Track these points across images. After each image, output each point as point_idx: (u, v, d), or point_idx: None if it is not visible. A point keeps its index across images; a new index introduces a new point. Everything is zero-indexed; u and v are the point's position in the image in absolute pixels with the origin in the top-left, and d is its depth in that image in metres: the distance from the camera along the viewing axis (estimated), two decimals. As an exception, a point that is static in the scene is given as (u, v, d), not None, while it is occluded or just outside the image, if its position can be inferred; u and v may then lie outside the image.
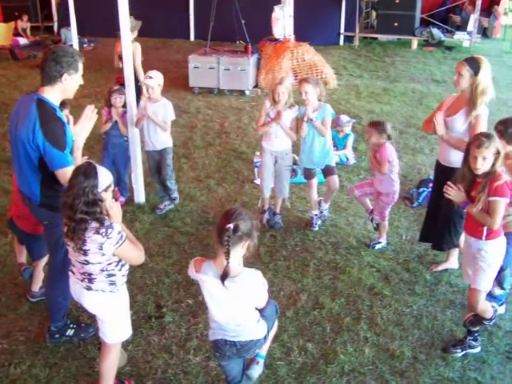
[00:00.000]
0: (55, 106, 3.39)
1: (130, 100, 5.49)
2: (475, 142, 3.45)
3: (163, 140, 5.51)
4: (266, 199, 5.48)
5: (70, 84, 3.41)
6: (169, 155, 5.57)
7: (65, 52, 3.36)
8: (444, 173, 4.29)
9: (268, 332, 3.12)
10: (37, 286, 4.28)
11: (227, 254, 2.69)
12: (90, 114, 3.55)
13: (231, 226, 2.69)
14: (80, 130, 3.52)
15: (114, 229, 2.93)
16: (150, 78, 5.30)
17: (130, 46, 5.34)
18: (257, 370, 3.30)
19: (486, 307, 3.71)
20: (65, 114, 3.58)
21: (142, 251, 3.15)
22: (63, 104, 3.68)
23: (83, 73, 3.50)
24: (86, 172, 2.90)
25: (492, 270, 3.61)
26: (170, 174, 5.64)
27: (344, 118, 7.38)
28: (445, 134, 4.25)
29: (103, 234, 2.89)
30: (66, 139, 3.34)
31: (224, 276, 2.73)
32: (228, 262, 2.71)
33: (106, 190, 2.96)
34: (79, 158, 3.47)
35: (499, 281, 4.05)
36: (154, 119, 5.34)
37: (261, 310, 3.03)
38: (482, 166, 3.41)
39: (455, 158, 4.14)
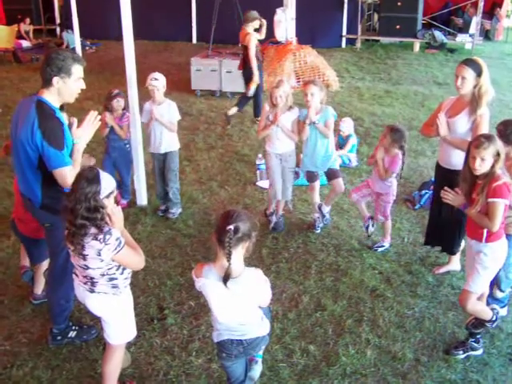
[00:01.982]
0: (54, 108, 3.39)
1: (133, 102, 5.50)
2: (475, 142, 3.43)
3: (169, 142, 5.48)
4: (278, 202, 5.39)
5: (63, 87, 3.38)
6: (174, 158, 5.53)
7: (57, 55, 3.34)
8: (445, 175, 4.29)
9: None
10: (39, 288, 4.29)
11: (229, 255, 2.69)
12: (92, 120, 3.53)
13: (232, 227, 2.68)
14: (82, 134, 3.50)
15: (113, 235, 2.92)
16: (156, 79, 5.32)
17: (132, 48, 5.36)
18: (257, 370, 3.34)
19: (480, 309, 3.69)
20: (65, 117, 3.58)
21: (141, 256, 3.14)
22: (61, 108, 3.65)
23: (84, 75, 3.49)
24: (88, 177, 2.89)
25: (488, 273, 3.58)
26: (173, 179, 5.58)
27: (347, 121, 7.41)
28: (448, 135, 4.24)
29: (101, 240, 2.89)
30: (65, 139, 3.34)
31: (226, 278, 2.73)
32: (230, 264, 2.71)
33: (108, 196, 2.95)
34: (79, 161, 3.46)
35: (497, 283, 4.05)
36: (161, 121, 5.36)
37: None
38: (481, 166, 3.38)
39: (456, 160, 4.12)
